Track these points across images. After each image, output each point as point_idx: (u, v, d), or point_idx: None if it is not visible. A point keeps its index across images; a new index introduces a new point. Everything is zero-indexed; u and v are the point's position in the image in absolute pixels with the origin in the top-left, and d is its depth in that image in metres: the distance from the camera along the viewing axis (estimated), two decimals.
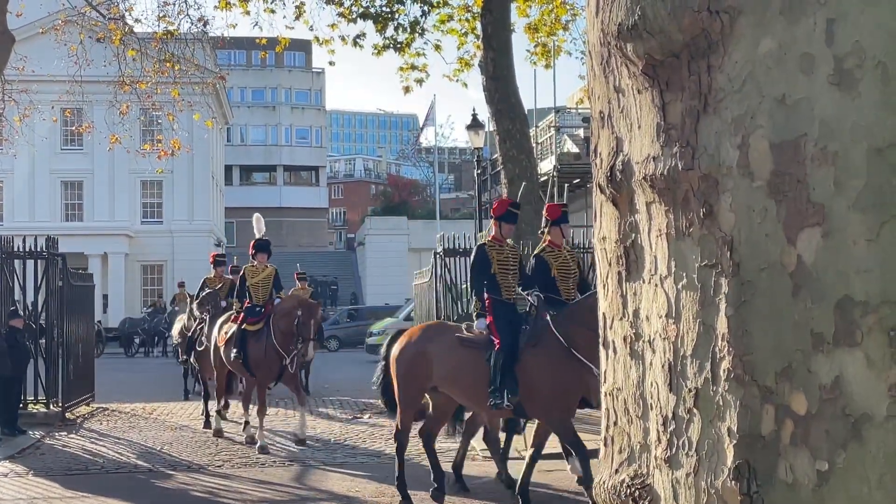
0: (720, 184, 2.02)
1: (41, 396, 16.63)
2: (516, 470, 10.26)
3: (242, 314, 14.06)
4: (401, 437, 10.19)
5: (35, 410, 16.39)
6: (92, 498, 10.84)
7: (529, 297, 9.74)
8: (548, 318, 9.34)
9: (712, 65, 2.03)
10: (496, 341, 9.44)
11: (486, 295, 9.74)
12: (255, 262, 14.18)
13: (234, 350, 13.83)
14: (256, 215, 15.08)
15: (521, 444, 11.64)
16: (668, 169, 2.10)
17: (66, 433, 15.37)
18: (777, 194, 1.94)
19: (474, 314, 10.02)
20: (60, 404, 16.58)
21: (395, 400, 10.24)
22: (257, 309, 13.94)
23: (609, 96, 2.34)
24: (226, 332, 14.33)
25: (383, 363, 10.51)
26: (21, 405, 15.86)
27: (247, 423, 14.32)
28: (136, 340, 37.13)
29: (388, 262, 56.06)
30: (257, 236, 14.46)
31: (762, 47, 1.96)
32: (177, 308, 27.21)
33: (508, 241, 10.14)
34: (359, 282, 60.19)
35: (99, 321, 40.60)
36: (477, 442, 11.91)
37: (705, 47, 2.03)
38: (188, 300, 19.61)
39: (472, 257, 10.19)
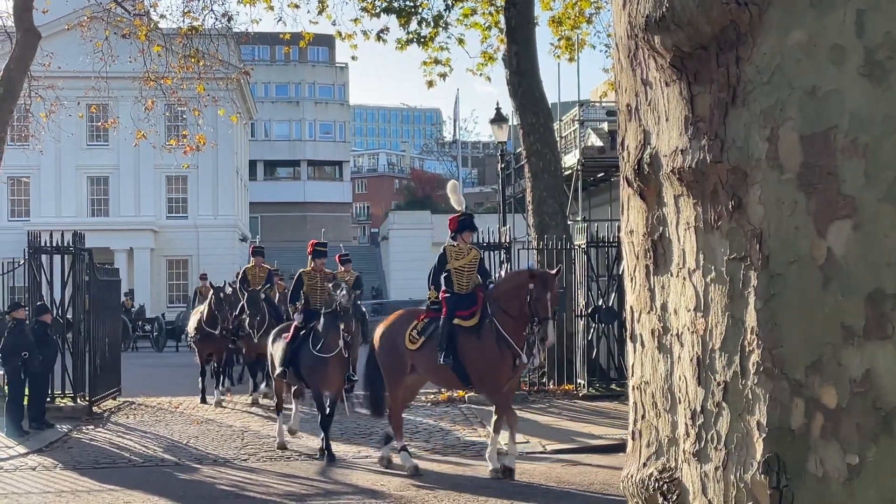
0: (749, 176, 2.01)
1: (68, 390, 16.78)
2: None
3: (445, 307, 11.13)
4: None
5: (62, 404, 16.54)
6: (119, 491, 10.93)
7: None
8: None
9: (741, 57, 2.02)
10: None
11: None
12: (457, 243, 11.44)
13: (442, 353, 10.95)
14: (452, 182, 12.84)
15: None
16: (696, 162, 2.09)
17: (93, 427, 15.50)
18: (807, 187, 1.93)
19: None
20: (87, 398, 16.72)
21: None
22: (466, 297, 11.19)
23: (636, 89, 2.33)
24: (417, 333, 11.34)
25: None
26: (48, 399, 16.01)
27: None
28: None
29: (412, 256, 55.98)
30: (457, 209, 11.86)
31: (792, 39, 1.95)
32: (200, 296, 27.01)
33: None
34: (383, 276, 60.25)
35: (162, 314, 40.78)
36: None
37: (734, 39, 2.02)
38: (212, 292, 19.57)
39: None
